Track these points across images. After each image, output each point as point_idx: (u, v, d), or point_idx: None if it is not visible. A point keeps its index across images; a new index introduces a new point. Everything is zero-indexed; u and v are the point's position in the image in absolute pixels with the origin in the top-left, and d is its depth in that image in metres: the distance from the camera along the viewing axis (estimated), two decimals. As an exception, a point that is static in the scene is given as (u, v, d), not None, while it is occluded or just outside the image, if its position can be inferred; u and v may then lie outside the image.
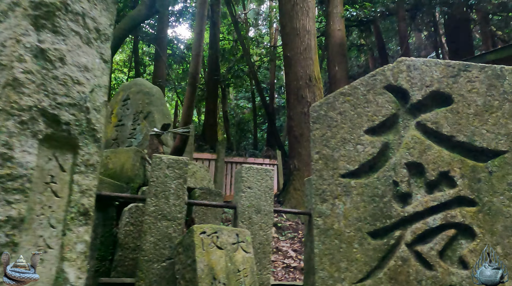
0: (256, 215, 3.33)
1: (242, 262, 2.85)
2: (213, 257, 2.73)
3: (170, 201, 3.11)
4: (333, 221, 1.27)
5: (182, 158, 3.23)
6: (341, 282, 1.21)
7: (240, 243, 2.92)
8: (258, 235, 3.31)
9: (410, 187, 1.20)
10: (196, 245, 2.72)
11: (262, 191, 3.40)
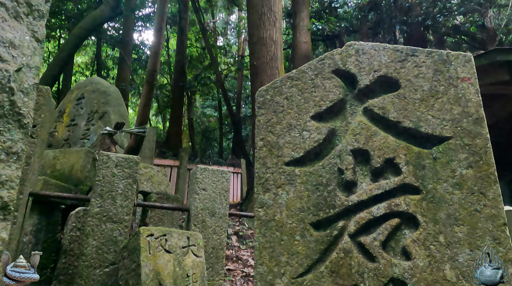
0: (210, 218, 3.19)
1: (192, 266, 2.69)
2: (160, 261, 2.55)
3: (117, 202, 2.90)
4: (275, 212, 1.18)
5: (133, 156, 3.05)
6: (280, 278, 1.10)
7: (190, 247, 2.76)
8: (212, 239, 3.16)
9: (355, 175, 1.13)
10: (142, 248, 2.54)
11: (218, 193, 3.27)
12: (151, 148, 9.71)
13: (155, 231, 2.68)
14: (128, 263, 2.62)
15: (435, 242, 1.00)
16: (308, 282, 1.07)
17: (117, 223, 2.86)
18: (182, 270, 2.63)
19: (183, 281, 2.58)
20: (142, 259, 2.49)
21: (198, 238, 2.86)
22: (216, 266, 3.13)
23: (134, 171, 3.02)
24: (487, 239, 0.97)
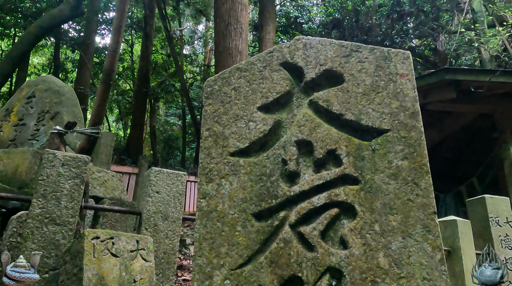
0: (163, 222, 3.09)
1: (140, 271, 2.58)
2: (105, 266, 2.42)
3: (61, 203, 2.73)
4: (217, 202, 1.15)
5: (81, 156, 2.90)
6: (219, 269, 1.07)
7: (139, 251, 2.65)
8: (163, 243, 3.05)
9: (299, 165, 1.14)
10: (86, 252, 2.40)
11: (172, 196, 3.18)
12: (108, 153, 9.34)
13: (102, 233, 2.55)
14: (70, 267, 2.46)
15: (370, 230, 1.02)
16: (247, 273, 1.05)
17: (60, 226, 2.68)
18: (129, 275, 2.51)
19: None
20: (85, 263, 2.35)
21: (149, 242, 2.75)
22: (167, 272, 3.01)
23: (82, 171, 2.87)
24: (418, 227, 1.00)
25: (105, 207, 3.27)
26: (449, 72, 5.41)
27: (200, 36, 19.58)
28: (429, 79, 5.74)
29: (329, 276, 1.00)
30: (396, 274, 0.96)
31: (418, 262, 0.97)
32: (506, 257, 4.74)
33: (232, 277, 1.05)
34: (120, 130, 20.70)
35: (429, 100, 5.87)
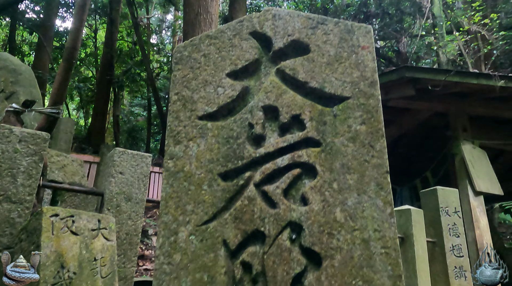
0: (126, 203, 3.04)
1: (101, 250, 2.54)
2: (65, 243, 2.37)
3: (18, 181, 2.62)
4: (185, 163, 1.18)
5: (41, 132, 2.79)
6: (185, 226, 1.10)
7: (101, 230, 2.60)
8: (126, 224, 3.01)
9: (265, 129, 1.19)
10: (44, 229, 2.33)
11: (136, 178, 3.14)
12: (67, 140, 8.97)
13: (61, 211, 2.48)
14: (26, 245, 2.37)
15: (329, 188, 1.09)
16: (212, 229, 1.09)
17: (16, 204, 2.58)
18: (89, 253, 2.46)
19: (90, 265, 2.42)
20: (43, 240, 2.28)
21: (111, 221, 2.70)
22: (129, 252, 2.98)
23: (41, 148, 2.76)
24: (372, 184, 1.08)
25: (65, 187, 3.17)
26: (409, 70, 5.69)
27: (168, 26, 19.19)
28: (390, 77, 6.00)
29: (290, 230, 1.06)
30: (351, 226, 1.04)
31: (371, 215, 1.05)
32: (453, 244, 5.09)
33: (197, 232, 1.09)
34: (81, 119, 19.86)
35: (390, 97, 6.14)
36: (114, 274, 2.53)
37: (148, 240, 9.37)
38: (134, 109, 20.17)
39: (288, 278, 1.00)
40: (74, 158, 5.20)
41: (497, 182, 5.84)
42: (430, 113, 6.60)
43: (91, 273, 2.40)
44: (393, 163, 5.73)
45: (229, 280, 1.03)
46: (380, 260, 0.99)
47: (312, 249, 1.02)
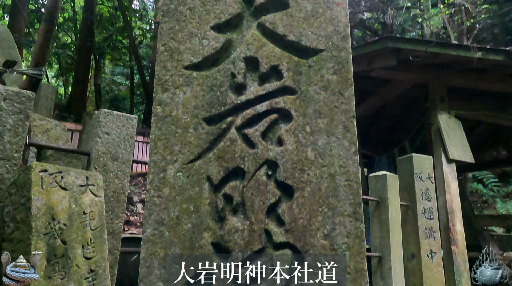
0: (113, 163, 3.14)
1: (90, 205, 2.65)
2: (54, 197, 2.46)
3: (4, 138, 2.67)
4: (172, 109, 1.28)
5: (25, 91, 2.81)
6: (172, 164, 1.22)
7: (89, 186, 2.70)
8: (113, 183, 3.12)
9: (246, 79, 1.29)
10: (34, 183, 2.41)
11: (122, 138, 3.22)
12: (48, 106, 8.84)
13: (50, 167, 2.56)
14: (16, 198, 2.46)
15: (302, 131, 1.22)
16: (197, 166, 1.21)
17: (4, 160, 2.64)
18: (78, 207, 2.57)
19: (79, 218, 2.53)
20: (33, 193, 2.37)
21: (98, 178, 2.80)
22: (117, 209, 3.11)
23: (27, 107, 2.79)
24: (340, 127, 1.22)
25: (51, 146, 3.23)
26: (391, 40, 5.80)
27: (152, -9, 18.51)
28: (373, 47, 6.10)
29: (267, 167, 1.19)
30: (320, 163, 1.18)
31: (337, 154, 1.19)
32: (424, 207, 5.41)
33: (184, 170, 1.21)
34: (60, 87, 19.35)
35: (372, 67, 6.27)
36: (103, 228, 2.66)
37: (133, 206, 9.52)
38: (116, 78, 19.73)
39: (264, 207, 1.15)
40: (57, 123, 5.19)
41: (469, 150, 6.15)
42: (410, 84, 6.79)
43: (81, 225, 2.52)
44: (373, 133, 6.09)
45: (212, 209, 1.17)
46: (343, 190, 1.14)
47: (285, 183, 1.16)
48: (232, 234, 1.13)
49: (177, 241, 1.14)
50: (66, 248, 2.35)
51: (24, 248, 2.25)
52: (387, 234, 5.02)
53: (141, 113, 17.49)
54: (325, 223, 1.11)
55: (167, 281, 1.10)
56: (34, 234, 2.25)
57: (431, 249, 5.20)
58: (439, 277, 5.09)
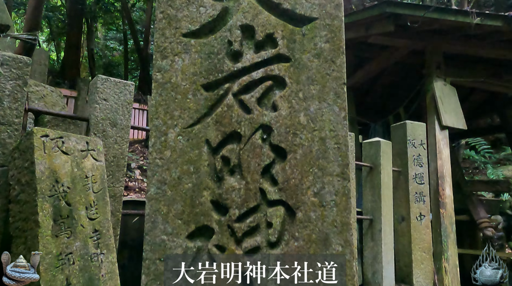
0: (112, 129, 3.20)
1: (91, 169, 2.74)
2: (57, 161, 2.55)
3: (4, 104, 2.71)
4: (171, 75, 1.33)
5: (22, 57, 2.81)
6: (173, 128, 1.30)
7: (90, 151, 2.78)
8: (113, 148, 3.20)
9: (242, 46, 1.34)
10: (36, 147, 2.49)
11: (120, 104, 3.26)
12: (42, 72, 8.75)
13: (51, 132, 2.62)
14: (20, 162, 2.55)
15: (296, 97, 1.29)
16: (196, 130, 1.29)
17: (5, 125, 2.69)
18: (81, 171, 2.66)
19: (82, 181, 2.63)
20: (36, 157, 2.45)
21: (98, 144, 2.88)
22: (117, 174, 3.21)
23: (24, 72, 2.81)
24: (331, 94, 1.29)
25: (52, 111, 3.27)
26: (389, 5, 5.70)
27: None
28: (371, 12, 6.01)
29: (262, 131, 1.27)
30: (311, 127, 1.26)
31: (328, 119, 1.27)
32: (416, 173, 5.57)
33: (184, 134, 1.29)
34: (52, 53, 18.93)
35: (370, 33, 6.21)
36: (105, 190, 2.77)
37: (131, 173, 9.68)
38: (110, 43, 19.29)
39: (259, 168, 1.24)
40: (52, 89, 5.18)
41: (462, 117, 6.24)
42: (407, 51, 6.76)
43: (84, 188, 2.62)
44: (369, 100, 6.16)
45: (211, 170, 1.26)
46: (333, 153, 1.23)
47: (279, 146, 1.25)
48: (229, 192, 1.23)
49: (179, 199, 1.24)
50: (70, 209, 2.47)
51: (31, 209, 2.36)
52: (379, 198, 5.21)
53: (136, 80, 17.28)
54: (315, 182, 1.21)
55: (170, 235, 1.21)
56: (40, 196, 2.36)
57: (420, 212, 5.42)
58: (427, 238, 5.35)
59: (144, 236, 1.23)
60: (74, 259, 2.36)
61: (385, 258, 5.00)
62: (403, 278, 5.33)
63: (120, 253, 2.97)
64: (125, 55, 16.51)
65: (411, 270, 5.18)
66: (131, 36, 15.09)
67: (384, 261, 4.98)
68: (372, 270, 5.09)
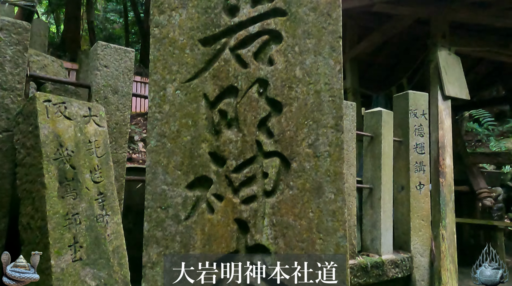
0: (113, 95, 3.23)
1: (94, 134, 2.79)
2: (60, 126, 2.59)
3: (6, 69, 2.73)
4: (169, 31, 1.35)
5: (21, 22, 2.80)
6: (171, 83, 1.32)
7: (92, 117, 2.82)
8: (115, 115, 3.24)
9: (239, 1, 1.34)
10: (39, 112, 2.53)
11: (121, 71, 3.27)
12: (42, 44, 8.66)
13: (53, 97, 2.65)
14: (24, 127, 2.59)
15: (292, 51, 1.30)
16: (194, 85, 1.31)
17: (7, 91, 2.72)
18: (84, 136, 2.71)
19: (85, 145, 2.69)
20: (40, 121, 2.49)
21: (100, 109, 2.91)
22: (120, 140, 3.26)
23: (24, 38, 2.81)
24: (326, 47, 1.30)
25: (52, 78, 3.29)
26: (395, -29, 5.55)
27: None
28: (376, -22, 5.85)
29: (258, 85, 1.30)
30: (307, 81, 1.28)
31: (323, 72, 1.29)
32: (417, 143, 5.59)
33: (182, 88, 1.31)
34: (52, 25, 18.67)
35: (374, 1, 6.07)
36: (109, 155, 2.83)
37: (134, 145, 9.78)
38: (110, 15, 18.96)
39: (256, 121, 1.27)
40: (53, 59, 5.16)
41: (466, 87, 6.18)
42: (412, 20, 6.62)
43: (87, 152, 2.68)
44: (373, 72, 6.11)
45: (209, 124, 1.29)
46: (327, 105, 1.25)
47: (275, 99, 1.27)
48: (227, 144, 1.27)
49: (178, 151, 1.28)
50: (75, 172, 2.53)
51: (37, 172, 2.43)
52: (379, 168, 5.27)
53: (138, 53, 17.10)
54: (310, 134, 1.25)
55: (170, 185, 1.26)
56: (45, 159, 2.42)
57: (420, 181, 5.49)
58: (425, 207, 5.44)
59: (146, 186, 1.28)
60: (81, 219, 2.45)
61: (384, 225, 5.11)
62: (401, 245, 5.47)
63: (125, 218, 3.06)
64: (126, 28, 16.27)
65: (409, 237, 5.31)
66: (131, 7, 14.82)
67: (382, 228, 5.10)
68: (370, 237, 5.22)
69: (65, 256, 2.27)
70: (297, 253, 1.18)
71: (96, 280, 2.37)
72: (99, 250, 2.47)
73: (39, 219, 2.35)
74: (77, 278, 2.28)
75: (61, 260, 2.24)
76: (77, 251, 2.35)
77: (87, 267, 2.35)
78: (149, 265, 1.23)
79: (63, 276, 2.22)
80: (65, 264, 2.25)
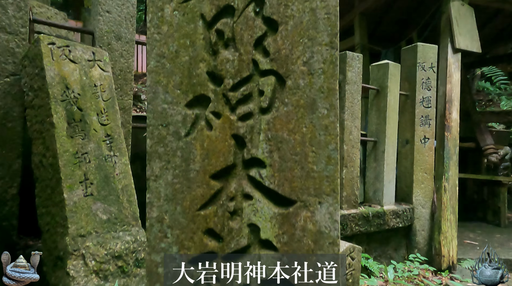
0: (117, 42, 3.23)
1: (99, 79, 2.83)
2: (65, 69, 2.63)
3: (9, 12, 2.74)
4: None
5: (22, -37, 2.77)
6: (169, 3, 1.34)
7: (97, 61, 2.85)
8: (119, 62, 3.26)
9: None
10: (44, 54, 2.56)
11: (123, 17, 3.25)
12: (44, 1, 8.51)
13: (57, 40, 2.68)
14: (31, 69, 2.64)
15: None
16: (191, 5, 1.33)
17: (12, 34, 2.75)
18: (89, 80, 2.76)
19: (91, 89, 2.74)
20: (45, 63, 2.53)
21: (104, 55, 2.93)
22: (125, 87, 3.31)
23: (25, -19, 2.79)
24: None
25: (55, 23, 3.30)
26: None
27: None
28: None
29: (254, 4, 1.30)
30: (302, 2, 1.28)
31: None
32: (423, 96, 5.54)
33: (179, 8, 1.33)
34: (55, -16, 18.19)
35: None
36: (114, 99, 2.88)
37: (141, 103, 9.84)
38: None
39: (252, 40, 1.29)
40: (56, 11, 5.11)
41: (478, 40, 6.00)
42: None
43: (93, 96, 2.74)
44: (382, 28, 5.95)
45: (206, 44, 1.32)
46: (323, 23, 1.26)
47: (271, 18, 1.28)
48: (224, 63, 1.30)
49: (177, 71, 1.32)
50: (82, 114, 2.61)
51: (45, 112, 2.51)
52: (384, 121, 5.27)
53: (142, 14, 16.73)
54: (304, 52, 1.26)
55: (170, 103, 1.31)
56: (52, 100, 2.49)
57: (425, 135, 5.50)
58: (429, 160, 5.49)
59: (147, 105, 1.33)
60: (90, 158, 2.55)
61: (387, 177, 5.20)
62: (403, 197, 5.58)
63: (132, 164, 3.17)
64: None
65: (411, 190, 5.41)
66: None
67: (385, 180, 5.18)
68: (373, 189, 5.32)
69: (77, 190, 2.40)
70: (290, 165, 1.24)
71: (107, 214, 2.50)
72: (109, 187, 2.60)
73: (51, 157, 2.45)
74: (89, 211, 2.41)
75: (73, 194, 2.37)
76: (88, 187, 2.47)
77: (98, 202, 2.48)
78: (153, 178, 1.31)
79: (76, 209, 2.35)
80: (77, 198, 2.38)
